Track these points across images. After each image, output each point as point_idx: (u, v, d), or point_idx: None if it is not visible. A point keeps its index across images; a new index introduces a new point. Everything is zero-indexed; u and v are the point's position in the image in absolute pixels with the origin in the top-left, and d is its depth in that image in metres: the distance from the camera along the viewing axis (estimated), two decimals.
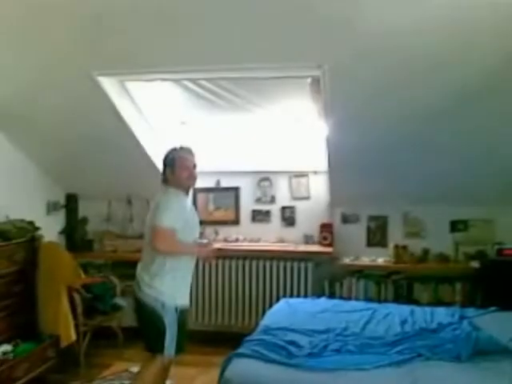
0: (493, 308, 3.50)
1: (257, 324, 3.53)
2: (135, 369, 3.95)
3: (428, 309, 3.57)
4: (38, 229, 4.05)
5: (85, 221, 5.03)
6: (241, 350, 2.80)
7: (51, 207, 4.76)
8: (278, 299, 4.21)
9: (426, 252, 4.47)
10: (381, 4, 2.54)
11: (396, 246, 4.46)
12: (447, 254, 4.44)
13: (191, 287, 3.12)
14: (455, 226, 4.51)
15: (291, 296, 4.44)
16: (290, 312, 3.54)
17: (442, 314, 3.40)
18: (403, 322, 3.25)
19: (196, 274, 4.73)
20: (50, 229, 4.58)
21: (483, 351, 2.69)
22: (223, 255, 4.66)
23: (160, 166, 4.39)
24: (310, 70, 3.31)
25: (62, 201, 4.95)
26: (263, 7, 2.65)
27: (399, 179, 4.23)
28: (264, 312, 3.97)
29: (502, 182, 4.02)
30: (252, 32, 2.86)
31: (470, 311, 3.49)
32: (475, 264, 4.22)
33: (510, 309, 3.40)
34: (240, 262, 4.68)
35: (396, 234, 4.61)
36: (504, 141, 3.64)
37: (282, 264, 4.61)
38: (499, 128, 3.52)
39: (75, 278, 4.05)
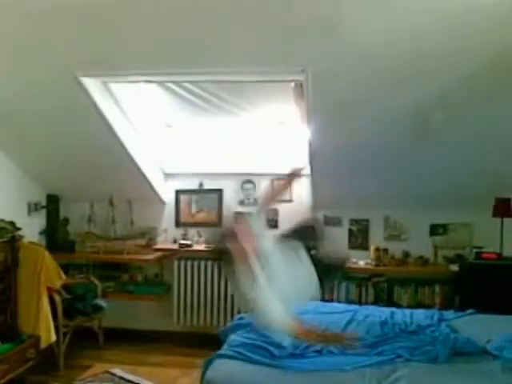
0: (470, 311, 3.57)
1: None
2: (115, 370, 3.96)
3: (408, 311, 3.61)
4: (18, 229, 4.00)
5: (66, 222, 4.99)
6: (223, 351, 2.81)
7: (32, 208, 4.71)
8: None
9: (406, 255, 4.54)
10: (366, 11, 2.58)
11: (377, 249, 4.52)
12: (427, 257, 4.51)
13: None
14: (435, 229, 4.59)
15: None
16: None
17: (421, 316, 3.44)
18: (383, 324, 3.29)
19: (178, 275, 4.74)
20: (31, 229, 4.53)
21: (461, 353, 2.74)
22: (205, 257, 4.68)
23: (144, 168, 4.47)
24: (294, 75, 3.34)
25: (44, 201, 4.91)
26: (248, 12, 2.66)
27: (381, 183, 4.29)
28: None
29: (480, 187, 4.09)
30: (236, 36, 2.88)
31: (449, 314, 3.55)
32: (454, 267, 4.29)
33: (486, 311, 3.46)
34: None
35: (377, 237, 4.67)
36: (483, 146, 3.72)
37: None
38: (480, 134, 3.59)
39: (56, 278, 4.01)
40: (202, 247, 4.70)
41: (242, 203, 4.88)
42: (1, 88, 3.53)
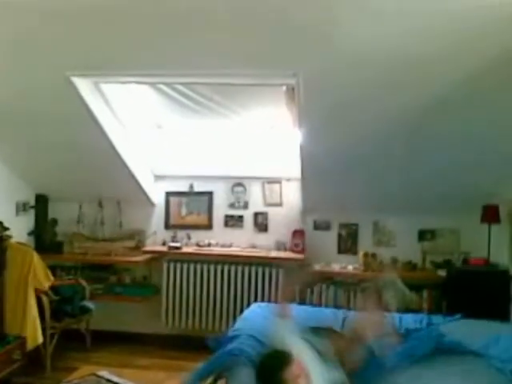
0: (458, 315, 3.59)
1: (227, 329, 3.52)
2: (102, 372, 3.93)
3: (396, 315, 3.62)
4: (6, 229, 3.97)
5: (55, 222, 4.96)
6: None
7: (20, 207, 4.68)
8: (248, 305, 4.21)
9: (394, 260, 4.56)
10: (359, 16, 2.59)
11: (366, 254, 4.53)
12: (415, 263, 4.54)
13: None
14: (423, 235, 4.62)
15: (262, 301, 4.45)
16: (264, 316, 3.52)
17: (409, 321, 3.45)
18: None
19: (167, 278, 4.72)
20: (19, 229, 4.49)
21: (446, 350, 2.77)
22: (195, 259, 4.67)
23: (134, 169, 4.46)
24: (286, 79, 3.35)
25: (32, 201, 4.88)
26: (241, 15, 2.67)
27: (371, 188, 4.31)
28: (235, 317, 3.97)
29: (468, 193, 4.14)
30: (229, 38, 2.87)
31: (437, 318, 3.56)
32: (442, 272, 4.32)
33: (473, 316, 3.49)
34: (212, 267, 4.68)
35: (366, 242, 4.70)
36: (472, 154, 3.74)
37: (253, 269, 4.62)
38: (469, 142, 3.62)
39: (44, 279, 3.98)
40: (191, 249, 4.71)
41: (232, 206, 4.88)
42: None
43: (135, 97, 4.11)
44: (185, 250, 4.71)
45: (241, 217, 4.87)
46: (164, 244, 4.84)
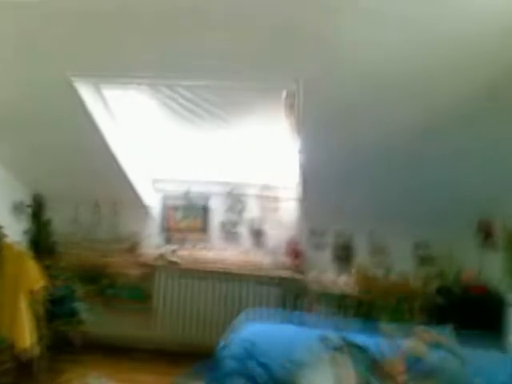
0: (449, 327, 3.58)
1: (219, 339, 3.49)
2: (92, 378, 3.91)
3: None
4: (0, 228, 3.96)
5: (50, 222, 4.95)
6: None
7: (16, 207, 4.67)
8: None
9: (388, 270, 4.56)
10: (358, 23, 2.61)
11: (360, 264, 4.53)
12: (409, 273, 4.53)
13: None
14: (418, 246, 4.63)
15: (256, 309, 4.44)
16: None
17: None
18: None
19: (165, 282, 4.71)
20: (14, 229, 4.47)
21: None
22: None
23: (131, 173, 4.45)
24: (286, 84, 3.36)
25: (29, 201, 4.87)
26: (241, 21, 2.69)
27: (368, 198, 4.31)
28: (228, 328, 3.93)
29: (464, 207, 4.13)
30: (229, 42, 2.89)
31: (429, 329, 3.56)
32: (435, 284, 4.31)
33: (465, 328, 3.49)
34: (208, 275, 4.67)
35: (361, 252, 4.70)
36: (471, 168, 3.75)
37: (247, 278, 4.61)
38: (467, 154, 3.63)
39: (37, 281, 3.96)
40: (186, 253, 4.71)
41: (228, 212, 4.88)
42: None
43: (134, 101, 4.11)
44: (180, 253, 4.72)
45: (236, 223, 4.87)
46: (159, 248, 4.83)
